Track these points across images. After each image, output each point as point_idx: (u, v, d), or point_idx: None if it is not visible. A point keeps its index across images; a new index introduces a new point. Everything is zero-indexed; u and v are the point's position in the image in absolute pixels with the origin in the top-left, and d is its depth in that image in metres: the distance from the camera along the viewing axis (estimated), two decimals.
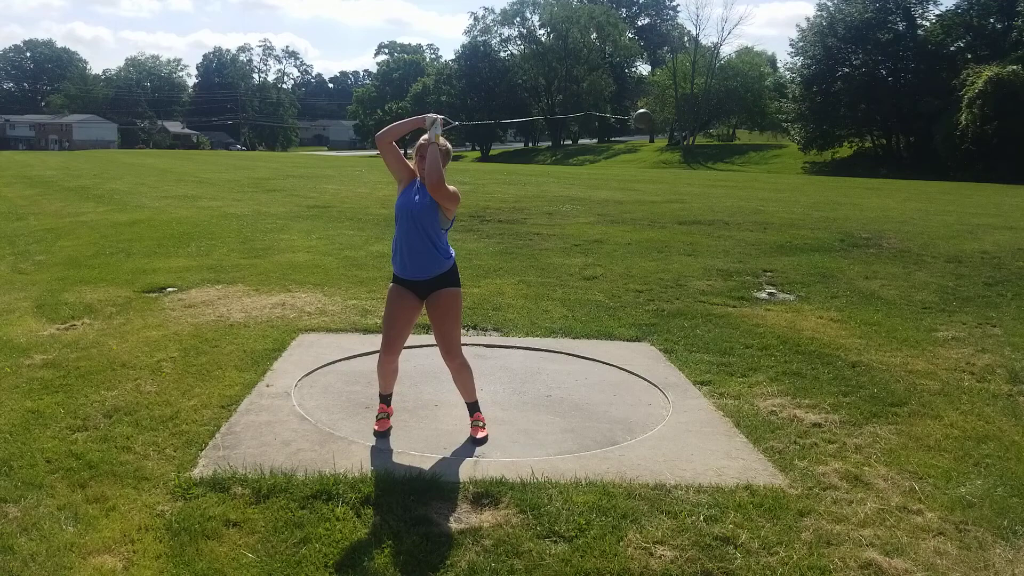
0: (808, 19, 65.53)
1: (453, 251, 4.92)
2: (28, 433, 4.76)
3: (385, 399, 5.09)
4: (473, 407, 5.06)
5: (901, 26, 60.15)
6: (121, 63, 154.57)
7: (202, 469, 4.32)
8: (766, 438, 4.96)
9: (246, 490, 4.04)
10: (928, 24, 60.64)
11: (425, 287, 4.79)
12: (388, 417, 5.06)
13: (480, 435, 4.92)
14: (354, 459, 4.47)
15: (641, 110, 4.68)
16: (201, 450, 4.57)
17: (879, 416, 5.41)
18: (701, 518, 3.88)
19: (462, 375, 4.97)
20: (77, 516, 3.82)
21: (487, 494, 4.08)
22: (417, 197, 4.64)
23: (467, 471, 4.36)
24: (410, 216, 4.67)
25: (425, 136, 4.59)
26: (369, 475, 4.23)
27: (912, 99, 56.85)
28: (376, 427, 4.99)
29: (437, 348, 4.99)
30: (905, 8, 59.78)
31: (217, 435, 4.79)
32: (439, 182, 4.45)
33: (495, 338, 7.26)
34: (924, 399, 5.79)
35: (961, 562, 3.61)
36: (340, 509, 3.87)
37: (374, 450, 4.64)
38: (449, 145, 4.70)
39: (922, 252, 12.39)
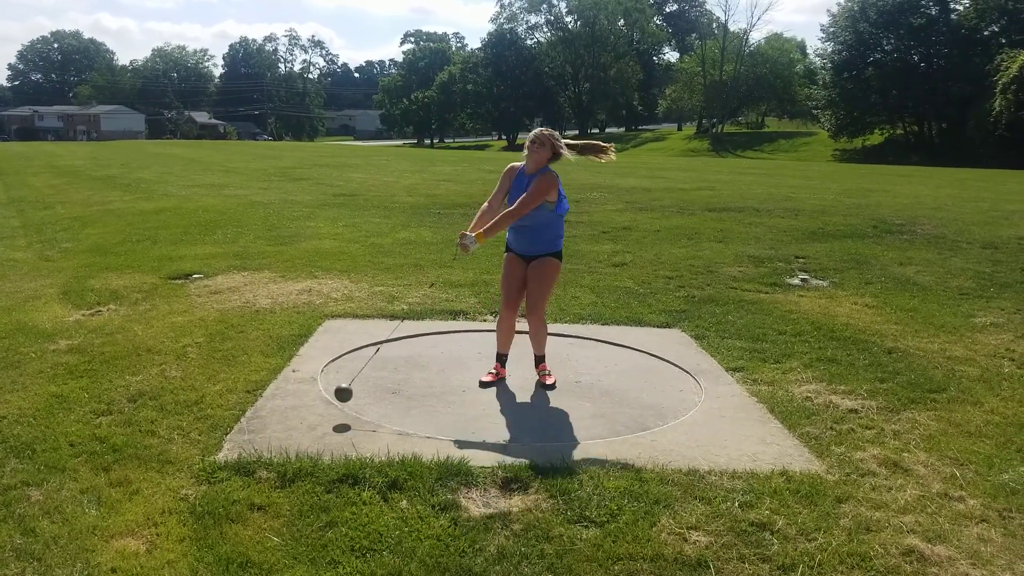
0: (839, 4, 64.72)
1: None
2: (52, 417, 4.73)
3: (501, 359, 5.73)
4: (540, 359, 5.67)
5: (934, 10, 59.32)
6: (147, 54, 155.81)
7: (227, 453, 4.26)
8: (801, 424, 4.84)
9: (271, 474, 3.98)
10: (961, 8, 59.75)
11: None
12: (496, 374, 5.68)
13: (549, 381, 5.58)
14: (380, 443, 4.40)
15: None
16: (226, 434, 4.52)
17: (917, 402, 5.27)
18: (736, 504, 3.77)
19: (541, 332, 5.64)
20: (100, 499, 3.77)
21: (516, 479, 3.99)
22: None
23: (496, 456, 4.28)
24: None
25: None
26: (396, 459, 4.15)
27: (945, 85, 56.11)
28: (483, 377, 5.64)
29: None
30: None
31: (242, 419, 4.74)
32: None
33: (523, 324, 7.15)
34: (963, 385, 5.63)
35: (1006, 549, 3.48)
36: (367, 493, 3.80)
37: (401, 435, 4.56)
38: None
39: (957, 238, 12.15)
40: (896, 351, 6.42)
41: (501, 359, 5.72)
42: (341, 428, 4.65)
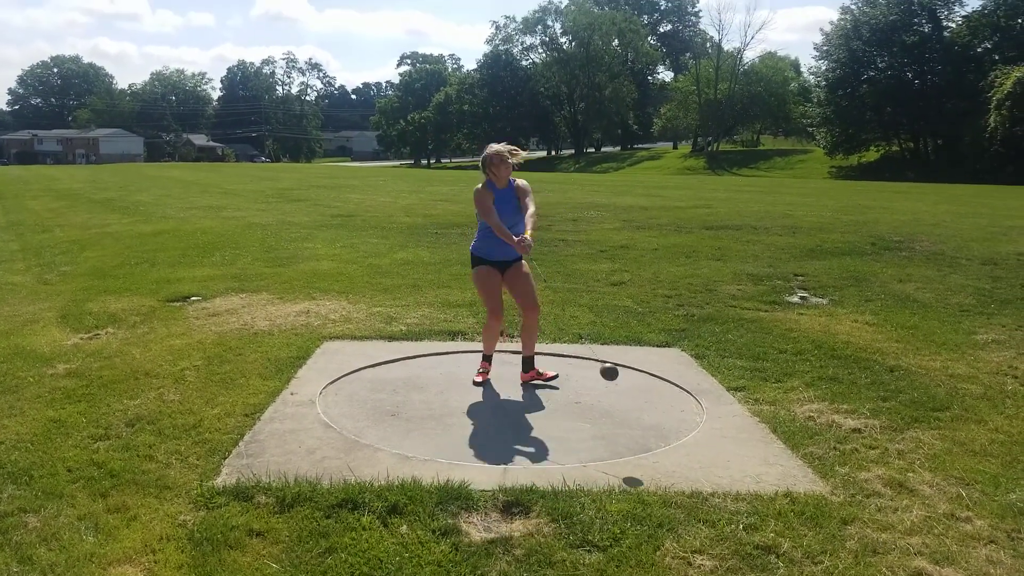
0: (832, 22, 65.30)
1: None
2: (50, 442, 4.69)
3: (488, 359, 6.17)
4: (532, 361, 6.12)
5: (927, 28, 59.62)
6: (146, 78, 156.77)
7: (225, 478, 4.22)
8: (804, 444, 4.80)
9: (270, 499, 3.94)
10: (954, 25, 60.04)
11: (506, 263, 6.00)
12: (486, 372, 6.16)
13: (550, 374, 6.15)
14: (380, 467, 4.36)
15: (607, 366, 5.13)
16: (224, 458, 4.48)
17: (921, 421, 5.23)
18: (740, 526, 3.73)
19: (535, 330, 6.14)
20: (98, 526, 3.73)
21: (517, 502, 3.95)
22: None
23: (496, 479, 4.23)
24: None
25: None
26: (396, 483, 4.11)
27: (939, 101, 56.31)
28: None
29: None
30: (930, 10, 59.24)
31: (241, 443, 4.70)
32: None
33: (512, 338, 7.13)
34: (967, 403, 5.60)
35: (1016, 571, 3.44)
36: (366, 518, 3.76)
37: (401, 458, 4.52)
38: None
39: (956, 255, 12.15)
40: (898, 369, 6.39)
41: (489, 359, 6.18)
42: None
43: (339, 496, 3.94)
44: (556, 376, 6.16)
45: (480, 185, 5.82)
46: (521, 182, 5.90)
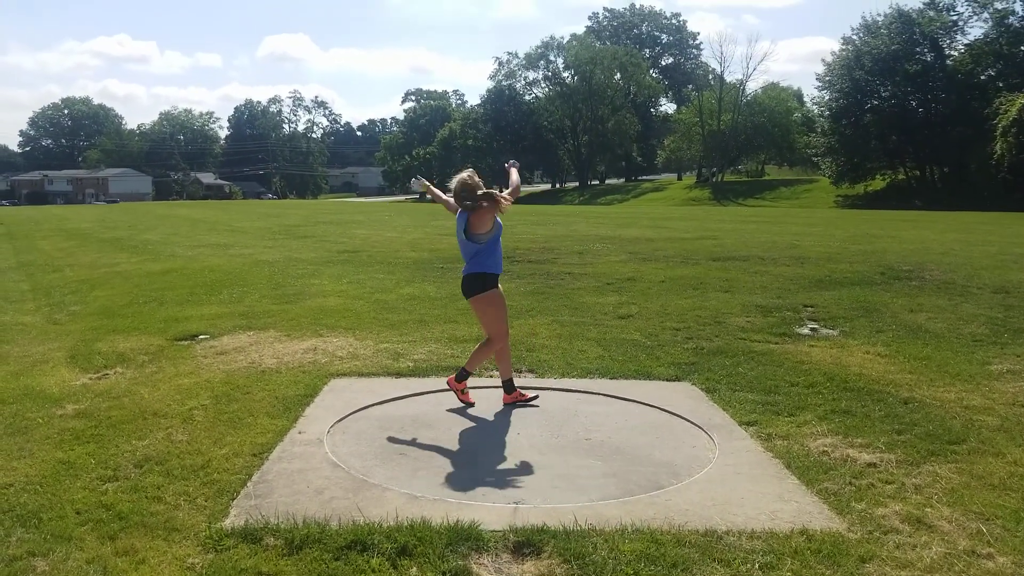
0: (834, 53, 65.48)
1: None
2: (58, 484, 4.66)
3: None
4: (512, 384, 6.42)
5: (929, 57, 59.89)
6: (154, 117, 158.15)
7: (234, 519, 4.17)
8: (819, 479, 4.74)
9: (278, 541, 3.89)
10: (956, 54, 60.31)
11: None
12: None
13: (532, 394, 6.44)
14: (389, 507, 4.31)
15: None
16: (233, 499, 4.43)
17: (937, 454, 5.16)
18: (756, 566, 3.67)
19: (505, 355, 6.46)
20: (106, 569, 3.68)
21: (528, 543, 3.89)
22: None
23: (507, 519, 4.18)
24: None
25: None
26: (405, 524, 4.05)
27: (944, 129, 56.44)
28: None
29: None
30: (932, 39, 59.54)
31: (249, 484, 4.66)
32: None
33: (530, 379, 7.10)
34: (983, 436, 5.53)
35: None
36: (375, 560, 3.70)
37: (409, 497, 4.47)
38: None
39: (967, 283, 12.09)
40: (912, 401, 6.33)
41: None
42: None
43: (348, 537, 3.89)
44: (536, 396, 6.49)
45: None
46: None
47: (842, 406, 6.18)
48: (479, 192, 5.95)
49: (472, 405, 6.34)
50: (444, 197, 6.62)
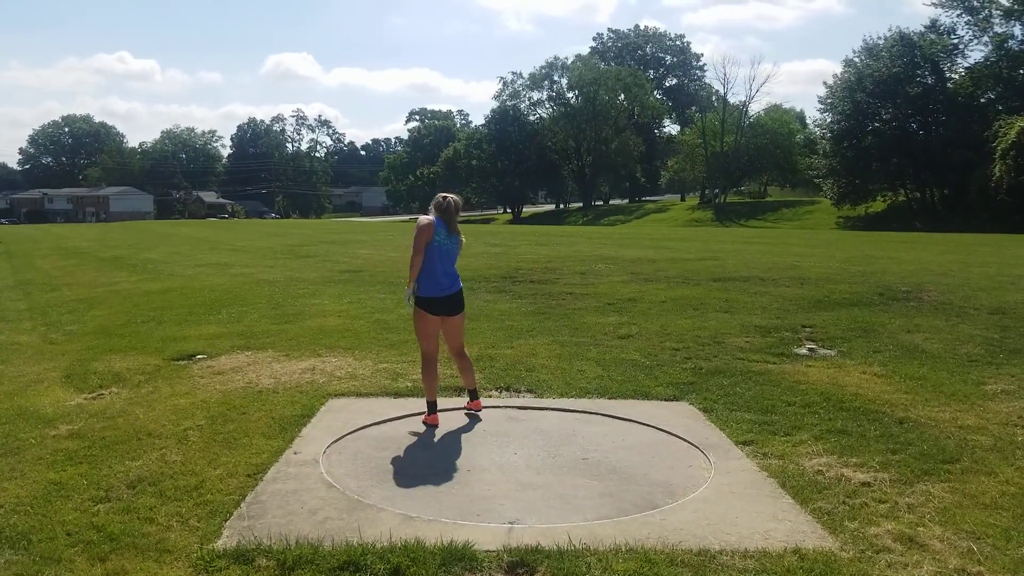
0: (835, 75, 65.70)
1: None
2: (49, 505, 4.66)
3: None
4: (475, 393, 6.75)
5: (930, 79, 60.04)
6: (155, 135, 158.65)
7: (226, 540, 4.17)
8: (813, 499, 4.73)
9: (270, 562, 3.88)
10: (957, 77, 60.51)
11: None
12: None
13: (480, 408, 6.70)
14: (383, 527, 4.30)
15: None
16: (225, 520, 4.43)
17: (931, 474, 5.16)
18: None
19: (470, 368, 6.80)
20: None
21: (522, 563, 3.88)
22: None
23: (501, 539, 4.17)
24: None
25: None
26: (399, 544, 4.05)
27: (944, 152, 56.50)
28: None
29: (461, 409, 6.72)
30: (933, 62, 59.72)
31: (242, 504, 4.65)
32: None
33: (529, 399, 7.10)
34: (977, 455, 5.52)
35: None
36: None
37: (404, 518, 4.47)
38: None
39: (964, 304, 12.08)
40: (907, 421, 6.32)
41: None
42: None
43: (341, 558, 3.89)
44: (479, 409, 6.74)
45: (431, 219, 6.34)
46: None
47: (838, 426, 6.18)
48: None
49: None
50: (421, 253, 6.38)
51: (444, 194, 6.47)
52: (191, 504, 4.66)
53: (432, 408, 6.40)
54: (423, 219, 6.27)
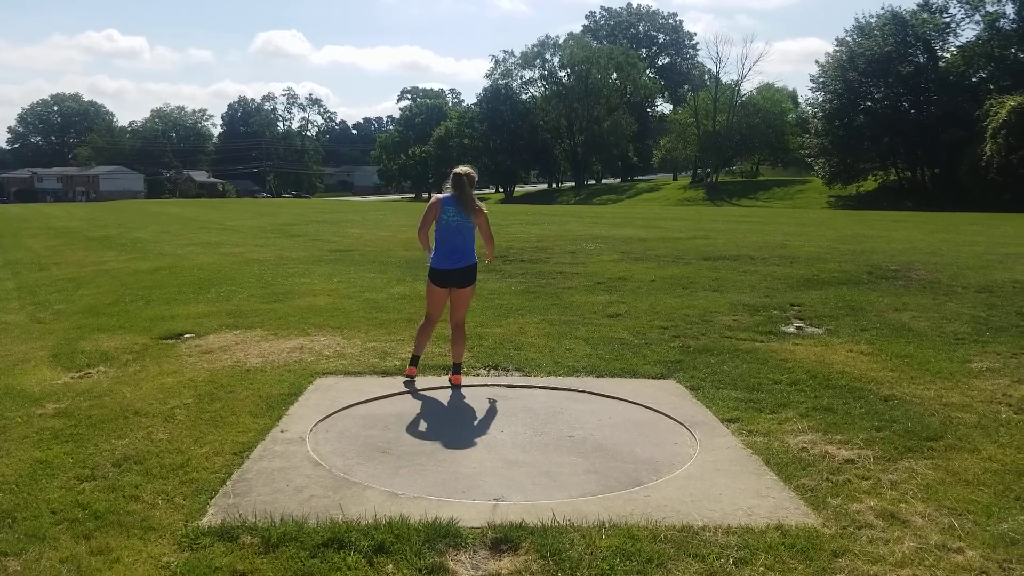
0: (827, 54, 65.58)
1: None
2: (35, 483, 4.65)
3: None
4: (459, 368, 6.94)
5: (922, 58, 60.03)
6: (145, 114, 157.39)
7: (211, 518, 4.18)
8: (797, 476, 4.76)
9: (255, 539, 3.89)
10: (949, 56, 60.49)
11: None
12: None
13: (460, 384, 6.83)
14: (368, 505, 4.31)
15: None
16: (211, 498, 4.43)
17: (914, 451, 5.19)
18: (730, 561, 3.69)
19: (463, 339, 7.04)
20: (80, 569, 3.69)
21: (506, 539, 3.90)
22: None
23: (485, 515, 4.19)
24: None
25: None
26: (383, 521, 4.06)
27: (936, 131, 56.53)
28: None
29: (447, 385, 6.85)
30: (925, 41, 59.69)
31: (228, 482, 4.66)
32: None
33: (517, 378, 7.11)
34: (960, 432, 5.56)
35: None
36: (352, 557, 3.71)
37: (389, 495, 4.48)
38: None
39: (952, 283, 12.12)
40: (892, 399, 6.35)
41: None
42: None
43: (325, 535, 3.90)
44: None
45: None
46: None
47: (824, 403, 6.21)
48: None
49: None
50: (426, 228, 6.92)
51: (456, 168, 6.90)
52: (177, 482, 4.67)
53: (414, 361, 6.98)
54: (434, 197, 6.88)
